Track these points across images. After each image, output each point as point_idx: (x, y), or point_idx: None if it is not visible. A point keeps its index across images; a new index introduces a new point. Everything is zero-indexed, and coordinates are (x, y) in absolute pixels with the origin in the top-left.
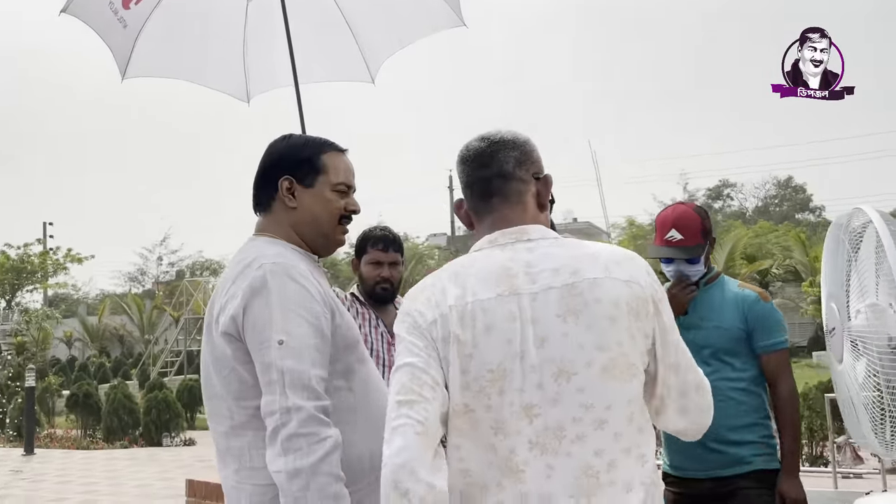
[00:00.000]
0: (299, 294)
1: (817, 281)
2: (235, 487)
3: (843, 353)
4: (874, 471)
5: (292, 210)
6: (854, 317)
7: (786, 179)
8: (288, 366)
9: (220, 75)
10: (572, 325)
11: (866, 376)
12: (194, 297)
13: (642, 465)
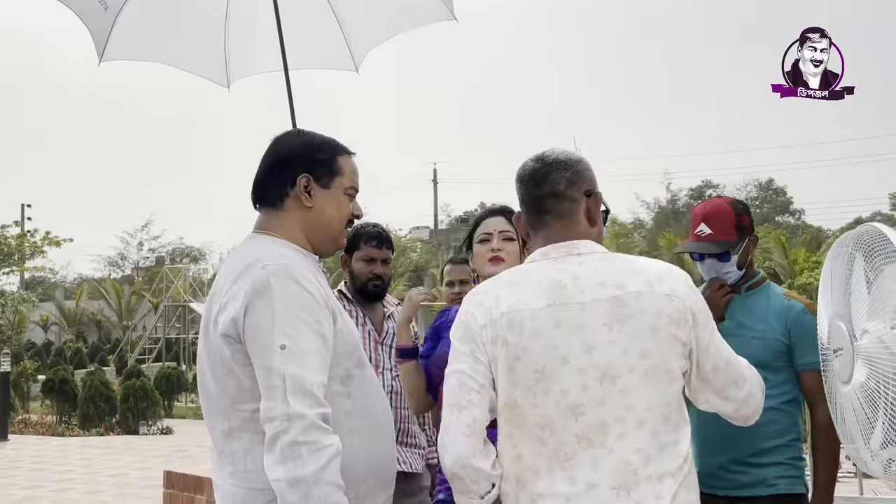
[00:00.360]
0: (302, 297)
1: (796, 283)
2: (229, 490)
3: (853, 373)
4: (849, 474)
5: (307, 209)
6: (860, 337)
7: (767, 182)
8: (290, 371)
9: (199, 59)
10: (617, 334)
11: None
12: (174, 284)
13: (676, 457)
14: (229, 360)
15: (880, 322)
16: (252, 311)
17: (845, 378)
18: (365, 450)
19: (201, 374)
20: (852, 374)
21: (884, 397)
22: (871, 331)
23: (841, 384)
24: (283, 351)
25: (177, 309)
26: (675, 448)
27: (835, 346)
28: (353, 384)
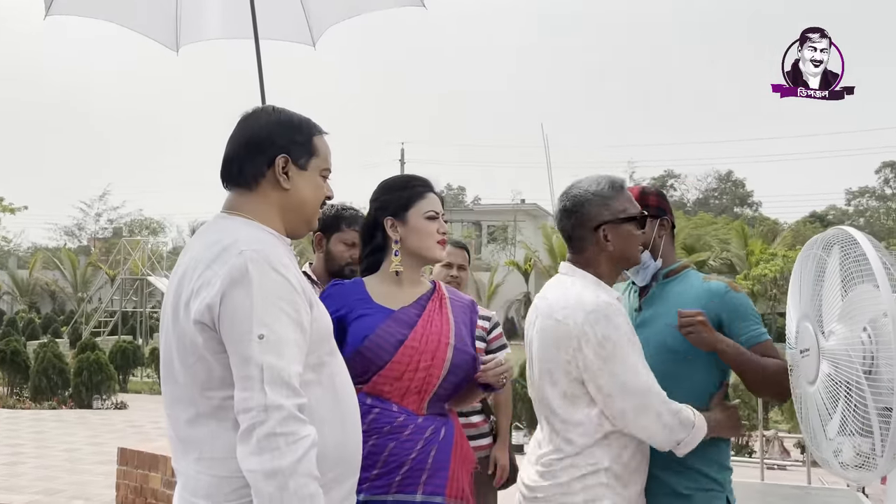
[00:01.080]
0: (281, 285)
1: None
2: (194, 477)
3: (818, 373)
4: (797, 463)
5: (284, 191)
6: (827, 338)
7: (727, 173)
8: (268, 361)
9: (149, 21)
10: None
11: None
12: (132, 256)
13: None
14: (201, 348)
15: (849, 326)
16: (229, 298)
17: (811, 378)
18: (334, 438)
19: (167, 359)
20: (818, 374)
21: (844, 395)
22: (837, 333)
23: (807, 384)
24: (261, 340)
25: (134, 282)
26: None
27: (802, 347)
28: (324, 372)
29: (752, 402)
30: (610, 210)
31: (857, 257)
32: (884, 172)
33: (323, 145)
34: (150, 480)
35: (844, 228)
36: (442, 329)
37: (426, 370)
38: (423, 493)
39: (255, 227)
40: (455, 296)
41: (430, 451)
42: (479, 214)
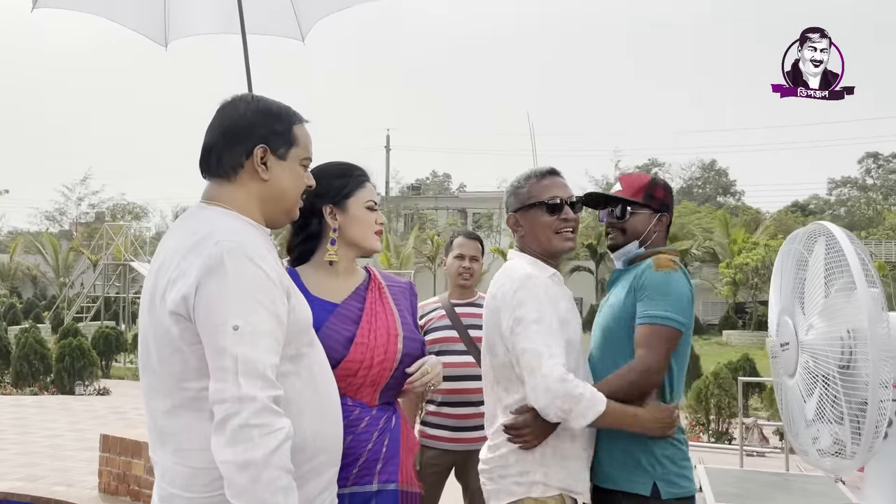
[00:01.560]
0: (257, 277)
1: (734, 263)
2: (171, 468)
3: (797, 367)
4: (776, 450)
5: (263, 182)
6: (806, 332)
7: (710, 162)
8: (242, 353)
9: (137, 15)
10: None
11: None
12: (115, 241)
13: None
14: (177, 339)
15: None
16: (204, 289)
17: (790, 371)
18: (313, 428)
19: (144, 350)
20: (797, 367)
21: (821, 387)
22: (817, 328)
23: (787, 377)
24: (236, 332)
25: (117, 267)
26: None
27: (782, 341)
28: (302, 363)
29: (732, 389)
30: (518, 198)
31: (838, 252)
32: (866, 163)
33: (303, 134)
34: (133, 467)
35: (824, 224)
36: (388, 321)
37: (380, 365)
38: (378, 482)
39: (233, 217)
40: (391, 281)
41: (384, 440)
42: (465, 202)
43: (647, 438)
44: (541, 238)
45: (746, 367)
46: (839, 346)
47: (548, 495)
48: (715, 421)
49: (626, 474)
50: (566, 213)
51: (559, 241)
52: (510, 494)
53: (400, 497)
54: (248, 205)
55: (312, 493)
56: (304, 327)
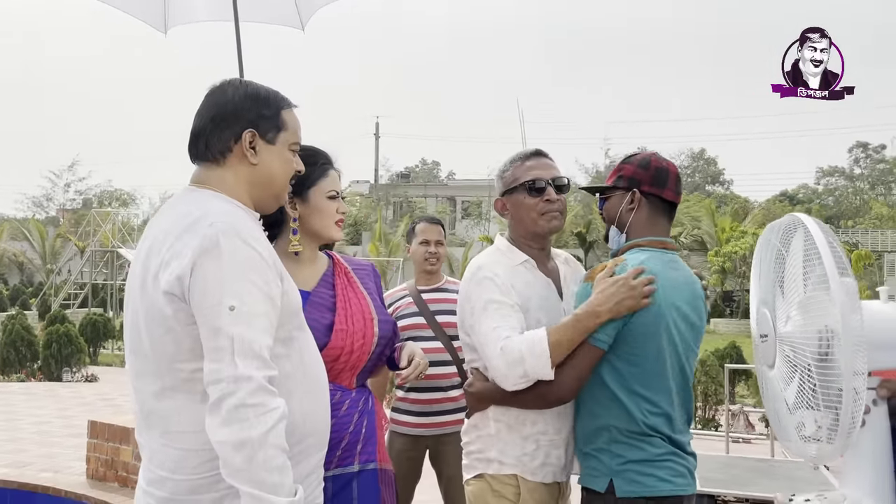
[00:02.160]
0: (252, 258)
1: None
2: (160, 451)
3: (776, 358)
4: (761, 436)
5: (251, 166)
6: (784, 323)
7: (699, 151)
8: (238, 333)
9: (138, 1)
10: None
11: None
12: (102, 228)
13: None
14: (170, 319)
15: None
16: (199, 269)
17: (770, 363)
18: (303, 411)
19: (134, 332)
20: (776, 358)
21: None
22: (795, 319)
23: (767, 369)
24: (232, 312)
25: (104, 254)
26: None
27: (761, 332)
28: (293, 346)
29: (719, 377)
30: (504, 181)
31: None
32: (855, 152)
33: (292, 119)
34: (121, 453)
35: (798, 215)
36: (362, 306)
37: (360, 349)
38: (359, 463)
39: (224, 200)
40: (355, 264)
41: (364, 421)
42: (454, 189)
43: (606, 439)
44: (525, 220)
45: (733, 355)
46: (816, 337)
47: (502, 473)
48: (702, 408)
49: (587, 469)
50: (549, 193)
51: (544, 221)
52: (473, 469)
53: (379, 475)
54: (237, 189)
55: (300, 475)
56: (295, 310)
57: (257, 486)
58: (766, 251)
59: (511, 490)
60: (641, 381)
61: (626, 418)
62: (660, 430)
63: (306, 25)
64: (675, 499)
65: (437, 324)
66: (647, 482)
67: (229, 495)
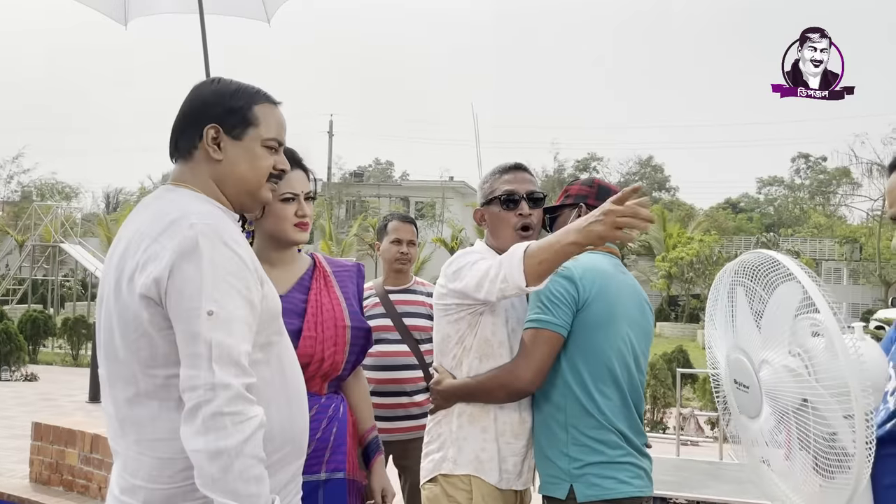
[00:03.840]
0: (232, 261)
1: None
2: (134, 458)
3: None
4: (709, 439)
5: (216, 162)
6: (760, 368)
7: (647, 158)
8: (217, 339)
9: None
10: None
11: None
12: (44, 222)
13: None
14: (146, 323)
15: (776, 352)
16: (178, 272)
17: (753, 414)
18: (280, 419)
19: (107, 336)
20: (761, 409)
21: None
22: (769, 361)
23: (748, 420)
24: (211, 317)
25: (45, 249)
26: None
27: (741, 382)
28: (272, 352)
29: (668, 380)
30: (483, 193)
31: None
32: (798, 162)
33: (266, 114)
34: (67, 456)
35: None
36: (334, 312)
37: (331, 357)
38: (326, 471)
39: (202, 200)
40: (338, 266)
41: (333, 428)
42: (407, 190)
43: (564, 441)
44: (498, 234)
45: (680, 359)
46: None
47: (456, 473)
48: (650, 411)
49: (546, 477)
50: (522, 207)
51: (517, 237)
52: (428, 473)
53: (348, 486)
54: (210, 186)
55: (279, 484)
56: (275, 315)
57: (233, 497)
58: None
59: (464, 495)
60: (596, 375)
61: (582, 411)
62: (615, 426)
63: (272, 19)
64: (635, 500)
65: (405, 326)
66: (606, 485)
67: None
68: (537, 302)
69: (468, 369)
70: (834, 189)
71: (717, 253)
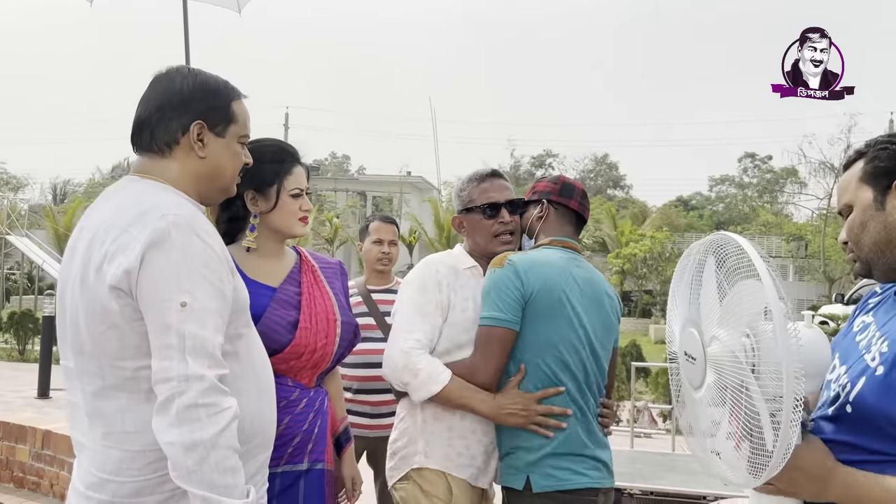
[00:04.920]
0: (204, 252)
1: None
2: (101, 452)
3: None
4: (661, 431)
5: (199, 159)
6: (709, 343)
7: (602, 156)
8: (190, 330)
9: None
10: None
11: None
12: None
13: None
14: (115, 315)
15: (731, 331)
16: (149, 263)
17: (697, 384)
18: (250, 411)
19: (73, 328)
20: (704, 379)
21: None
22: (720, 338)
23: (693, 390)
24: (183, 308)
25: None
26: None
27: (690, 353)
28: (240, 344)
29: (622, 374)
30: (461, 200)
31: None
32: (744, 162)
33: (241, 111)
34: (17, 453)
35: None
36: (326, 305)
37: (322, 349)
38: (308, 462)
39: (171, 191)
40: (322, 262)
41: (318, 421)
42: (365, 185)
43: (521, 432)
44: (479, 241)
45: (634, 353)
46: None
47: (427, 466)
48: None
49: (504, 468)
50: (503, 216)
51: (497, 244)
52: (399, 470)
53: (326, 476)
54: (182, 181)
55: (247, 475)
56: (244, 307)
57: (209, 489)
58: (688, 270)
59: (442, 488)
60: (548, 367)
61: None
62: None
63: (243, 8)
64: (591, 491)
65: (386, 325)
66: (561, 475)
67: (174, 496)
68: (488, 298)
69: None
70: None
71: (670, 249)
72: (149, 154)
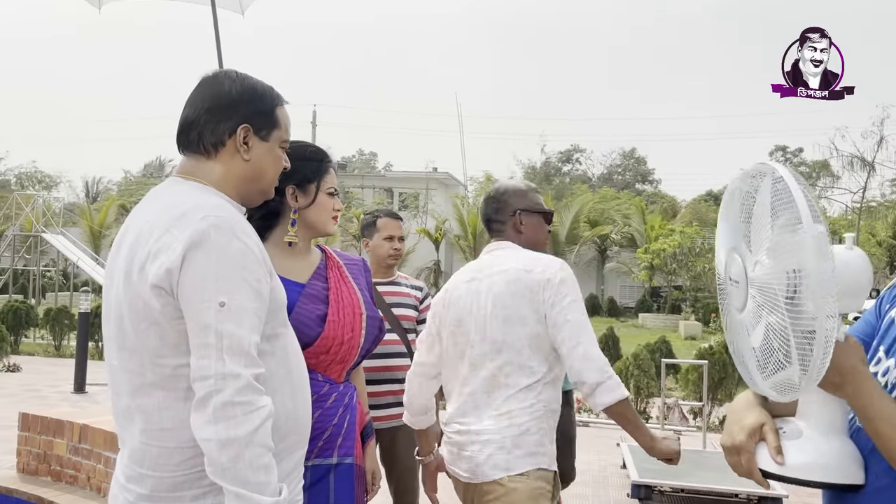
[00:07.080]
0: (243, 253)
1: (651, 248)
2: (140, 448)
3: (747, 302)
4: (692, 428)
5: (244, 162)
6: (753, 268)
7: (630, 150)
8: (228, 330)
9: None
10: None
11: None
12: (25, 211)
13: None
14: (157, 313)
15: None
16: (190, 263)
17: (740, 306)
18: (285, 409)
19: (117, 325)
20: (746, 301)
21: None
22: (764, 264)
23: (736, 311)
24: (222, 308)
25: (27, 239)
26: (530, 369)
27: (734, 278)
28: (278, 343)
29: (651, 371)
30: (526, 203)
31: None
32: (776, 155)
33: (284, 116)
34: (55, 447)
35: (768, 163)
36: (352, 300)
37: (349, 342)
38: (337, 456)
39: (212, 193)
40: (346, 259)
41: (347, 416)
42: (391, 181)
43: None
44: (536, 240)
45: (663, 349)
46: (784, 279)
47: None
48: (634, 401)
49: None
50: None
51: (545, 246)
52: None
53: (355, 470)
54: (225, 182)
55: (282, 473)
56: (281, 306)
57: (242, 485)
58: (734, 199)
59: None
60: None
61: None
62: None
63: (246, 10)
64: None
65: (394, 316)
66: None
67: (212, 492)
68: None
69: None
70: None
71: (700, 245)
72: (194, 155)
